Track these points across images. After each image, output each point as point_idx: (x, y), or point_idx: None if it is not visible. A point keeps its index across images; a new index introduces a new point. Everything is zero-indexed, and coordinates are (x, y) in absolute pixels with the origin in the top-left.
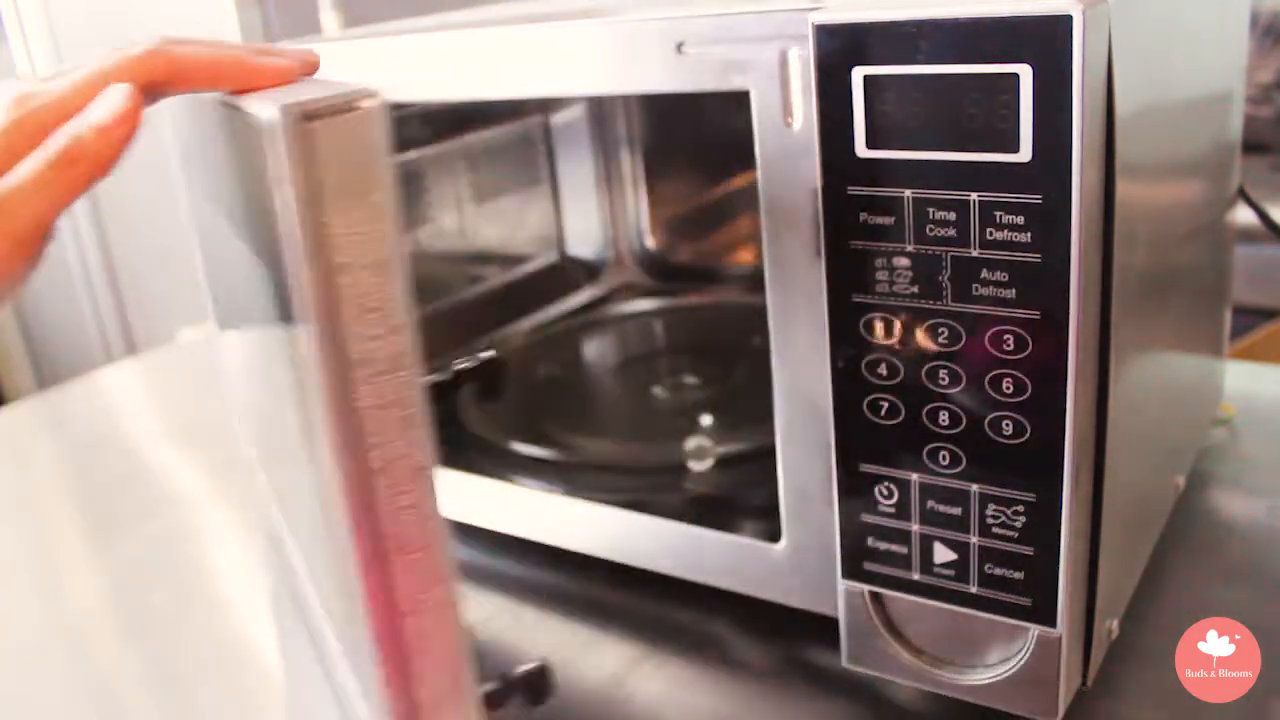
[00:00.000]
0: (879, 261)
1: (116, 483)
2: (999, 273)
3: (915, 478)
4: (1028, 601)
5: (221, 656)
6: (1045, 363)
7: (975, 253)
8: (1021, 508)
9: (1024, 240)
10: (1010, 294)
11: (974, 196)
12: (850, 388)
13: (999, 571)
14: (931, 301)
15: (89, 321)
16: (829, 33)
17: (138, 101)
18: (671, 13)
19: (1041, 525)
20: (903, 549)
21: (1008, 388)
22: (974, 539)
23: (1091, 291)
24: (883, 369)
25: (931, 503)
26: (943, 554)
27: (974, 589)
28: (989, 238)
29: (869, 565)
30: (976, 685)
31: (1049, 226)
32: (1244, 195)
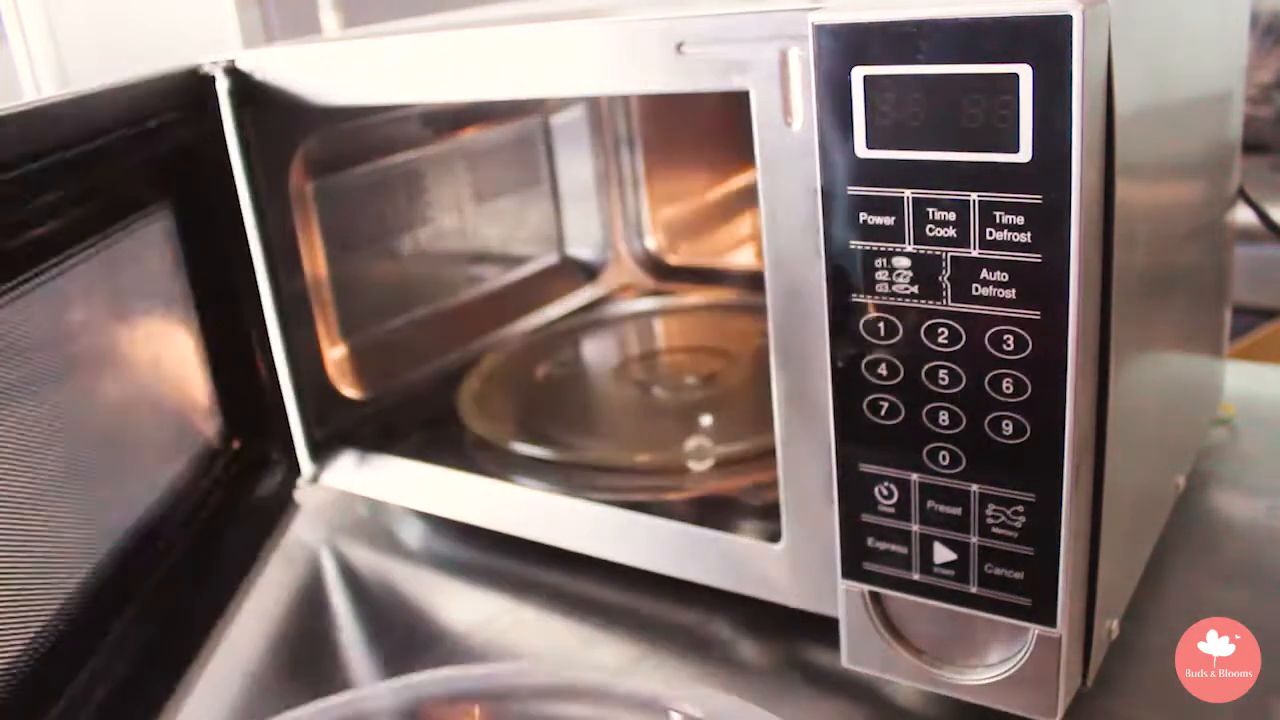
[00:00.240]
0: (879, 261)
1: None
2: (999, 273)
3: (915, 478)
4: (1028, 601)
5: None
6: (1045, 363)
7: (975, 253)
8: (1021, 508)
9: (1024, 240)
10: (1010, 294)
11: (974, 196)
12: (850, 388)
13: (999, 571)
14: (931, 301)
15: None
16: (829, 33)
17: None
18: (671, 13)
19: (1041, 525)
20: (903, 549)
21: (1008, 388)
22: (974, 539)
23: (1091, 291)
24: (883, 369)
25: (931, 503)
26: (943, 554)
27: (974, 589)
28: (989, 238)
29: (869, 565)
30: (976, 685)
31: (1049, 226)
32: (1244, 195)
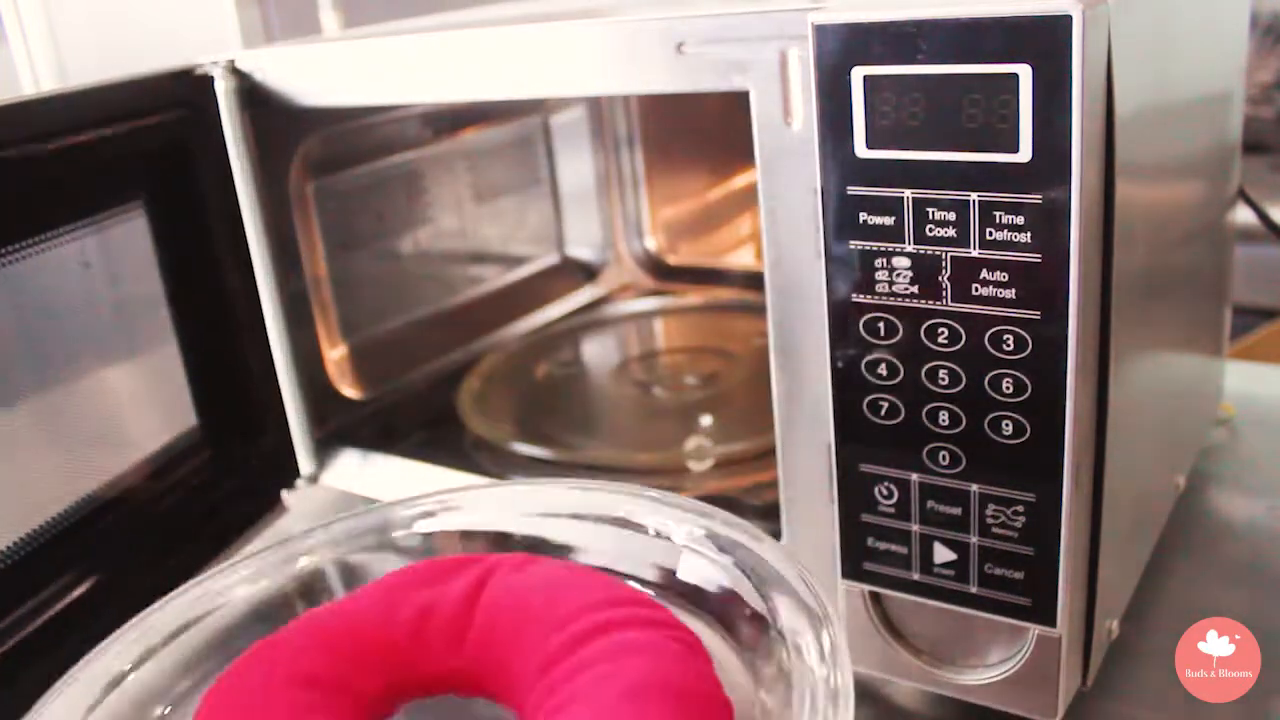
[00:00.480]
0: (879, 261)
1: None
2: (999, 273)
3: (915, 478)
4: (1028, 601)
5: None
6: (1045, 363)
7: (975, 253)
8: (1021, 508)
9: (1024, 240)
10: (1010, 294)
11: (974, 196)
12: (850, 388)
13: (999, 571)
14: (931, 301)
15: None
16: (829, 33)
17: None
18: (671, 13)
19: (1041, 525)
20: (902, 549)
21: (1008, 388)
22: (974, 539)
23: (1091, 291)
24: (883, 369)
25: (931, 503)
26: (942, 554)
27: (974, 589)
28: (989, 238)
29: (869, 565)
30: (976, 685)
31: (1049, 226)
32: (1244, 195)
